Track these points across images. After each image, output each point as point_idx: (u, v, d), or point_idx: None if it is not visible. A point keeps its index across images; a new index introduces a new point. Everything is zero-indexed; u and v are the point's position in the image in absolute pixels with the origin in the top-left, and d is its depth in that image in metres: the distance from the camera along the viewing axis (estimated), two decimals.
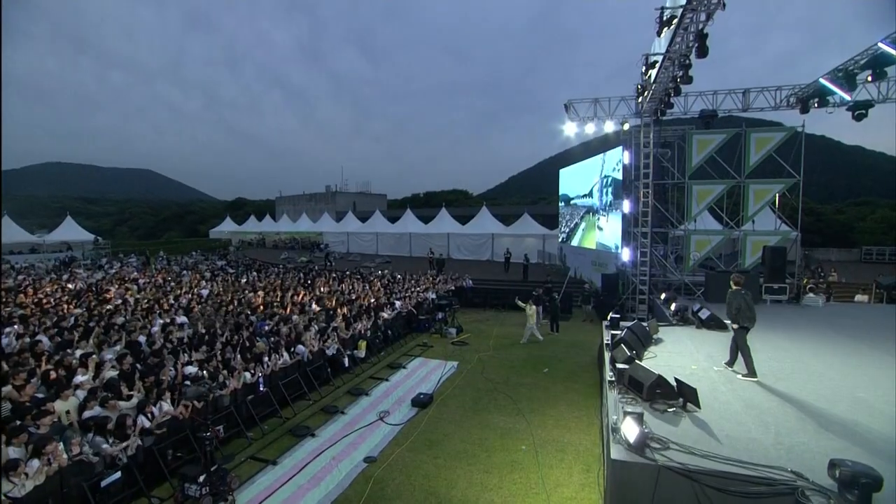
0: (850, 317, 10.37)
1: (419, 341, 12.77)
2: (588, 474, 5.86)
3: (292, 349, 9.01)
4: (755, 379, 6.23)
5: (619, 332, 8.08)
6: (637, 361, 5.97)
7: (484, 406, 8.24)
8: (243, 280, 18.08)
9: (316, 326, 10.43)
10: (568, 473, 5.93)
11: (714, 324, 8.93)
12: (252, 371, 7.73)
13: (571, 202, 22.95)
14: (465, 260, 29.21)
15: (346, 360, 9.94)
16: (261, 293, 14.12)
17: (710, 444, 4.30)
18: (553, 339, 13.08)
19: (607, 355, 7.19)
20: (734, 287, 6.71)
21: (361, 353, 10.57)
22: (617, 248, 15.23)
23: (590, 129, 13.89)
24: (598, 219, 18.00)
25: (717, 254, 13.41)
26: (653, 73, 9.91)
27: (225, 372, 7.50)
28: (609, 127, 13.62)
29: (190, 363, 7.62)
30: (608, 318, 9.53)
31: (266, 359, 8.23)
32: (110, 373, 6.82)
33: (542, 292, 15.18)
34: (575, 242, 21.34)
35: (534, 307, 12.40)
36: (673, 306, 9.99)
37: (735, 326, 6.53)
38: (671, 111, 11.52)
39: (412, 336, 13.36)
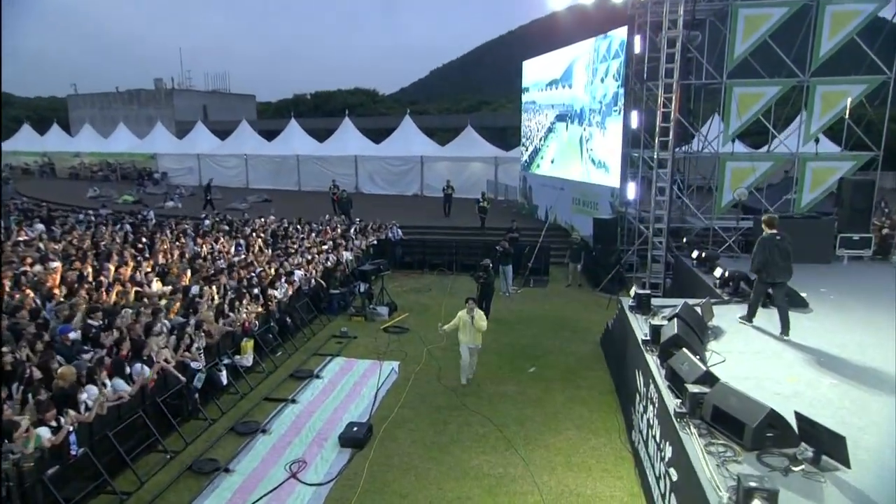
0: None
1: (334, 329, 12.44)
2: None
3: (128, 369, 7.97)
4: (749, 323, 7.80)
5: (658, 320, 7.59)
6: (722, 381, 5.30)
7: (453, 437, 7.91)
8: (20, 239, 15.97)
9: (167, 323, 9.51)
10: None
11: (789, 300, 8.67)
12: (54, 422, 6.54)
13: (527, 96, 22.32)
14: (383, 196, 29.33)
15: (224, 375, 9.31)
16: (58, 265, 12.44)
17: None
18: (534, 315, 13.05)
19: (652, 361, 6.67)
20: (767, 231, 7.30)
21: (247, 359, 10.13)
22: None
23: None
24: (590, 133, 17.29)
25: (758, 187, 13.55)
26: None
27: None
28: None
29: None
30: (631, 292, 9.25)
31: (82, 395, 7.04)
32: None
33: (508, 245, 14.91)
34: (544, 170, 20.89)
35: (473, 312, 9.18)
36: (718, 273, 9.70)
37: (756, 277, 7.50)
38: None
39: (322, 322, 13.04)
